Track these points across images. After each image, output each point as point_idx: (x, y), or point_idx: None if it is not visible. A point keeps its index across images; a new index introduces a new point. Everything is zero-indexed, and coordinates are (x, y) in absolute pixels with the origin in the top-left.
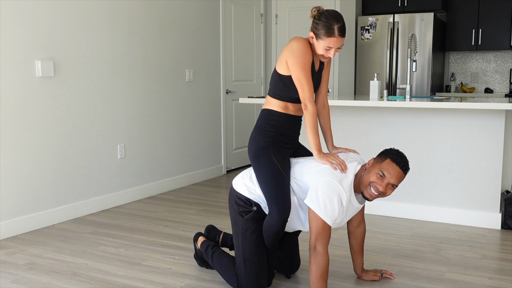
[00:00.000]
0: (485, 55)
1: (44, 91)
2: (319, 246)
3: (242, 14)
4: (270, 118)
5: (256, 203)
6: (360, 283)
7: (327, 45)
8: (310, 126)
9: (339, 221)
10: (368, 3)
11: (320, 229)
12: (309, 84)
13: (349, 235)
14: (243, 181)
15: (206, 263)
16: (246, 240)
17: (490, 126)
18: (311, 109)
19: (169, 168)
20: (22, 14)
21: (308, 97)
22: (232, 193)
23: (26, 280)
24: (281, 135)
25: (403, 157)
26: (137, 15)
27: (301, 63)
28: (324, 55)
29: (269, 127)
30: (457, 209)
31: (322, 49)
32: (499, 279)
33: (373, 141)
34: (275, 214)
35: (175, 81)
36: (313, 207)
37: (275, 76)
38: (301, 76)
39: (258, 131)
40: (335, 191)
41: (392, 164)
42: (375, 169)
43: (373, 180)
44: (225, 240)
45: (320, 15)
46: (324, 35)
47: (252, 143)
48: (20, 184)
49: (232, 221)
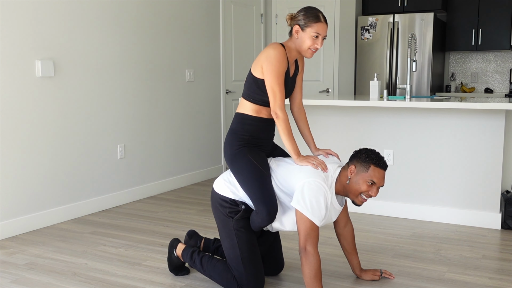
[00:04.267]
0: (485, 55)
1: (44, 91)
2: (309, 247)
3: (242, 14)
4: (244, 123)
5: (242, 202)
6: (360, 283)
7: (315, 32)
8: (284, 133)
9: (324, 222)
10: (368, 3)
11: (309, 230)
12: (281, 93)
13: (338, 237)
14: (225, 184)
15: (176, 270)
16: (242, 240)
17: (490, 126)
18: (282, 117)
19: (169, 168)
20: (22, 14)
21: (279, 105)
22: (214, 196)
23: (26, 280)
24: (255, 139)
25: (381, 157)
26: (137, 15)
27: (276, 71)
28: (311, 47)
29: (243, 131)
30: (457, 209)
31: (310, 38)
32: (499, 279)
33: (373, 141)
34: (264, 213)
35: (175, 81)
36: (300, 208)
37: (249, 79)
38: (274, 84)
39: (232, 135)
40: (321, 191)
41: (376, 169)
42: (363, 178)
43: (364, 190)
44: (207, 245)
45: (299, 12)
46: (311, 21)
47: (227, 147)
48: (20, 184)
49: (220, 224)
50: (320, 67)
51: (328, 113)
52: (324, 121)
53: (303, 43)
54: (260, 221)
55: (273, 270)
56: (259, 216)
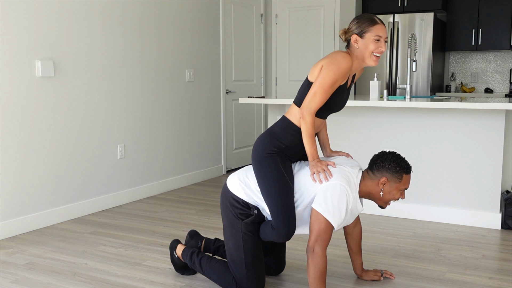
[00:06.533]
0: (485, 55)
1: (44, 91)
2: (318, 248)
3: (242, 14)
4: (287, 131)
5: (255, 206)
6: (360, 283)
7: (375, 34)
8: (306, 135)
9: (342, 225)
10: (368, 3)
11: (322, 232)
12: (321, 101)
13: (346, 236)
14: (240, 185)
15: (182, 270)
16: (248, 244)
17: (490, 126)
18: (309, 120)
19: (169, 168)
20: (22, 14)
21: (311, 109)
22: (226, 193)
23: (26, 280)
24: (290, 150)
25: (407, 162)
26: (137, 15)
27: (333, 77)
28: (375, 52)
29: (283, 139)
30: (457, 209)
31: (372, 42)
32: (499, 279)
33: (373, 141)
34: (283, 232)
35: (175, 81)
36: (321, 211)
37: (304, 84)
38: (321, 88)
39: (271, 137)
40: (344, 194)
41: (408, 176)
42: (397, 188)
43: (398, 197)
44: (207, 245)
45: (351, 23)
46: (368, 25)
47: (261, 147)
48: (20, 184)
49: (227, 223)
50: None
51: None
52: None
53: (365, 49)
54: (275, 238)
55: (275, 270)
56: (274, 233)
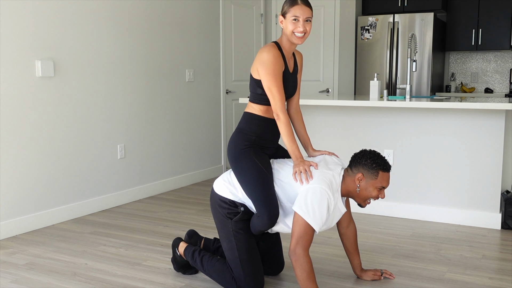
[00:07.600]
0: (485, 55)
1: (44, 91)
2: (299, 249)
3: (242, 14)
4: (252, 122)
5: (242, 204)
6: (360, 283)
7: (293, 15)
8: (286, 135)
9: (325, 227)
10: (368, 3)
11: (303, 233)
12: (280, 94)
13: (341, 237)
14: (225, 185)
15: (183, 269)
16: (240, 242)
17: (490, 126)
18: (283, 119)
19: (169, 168)
20: (22, 14)
21: (279, 107)
22: (214, 196)
23: (26, 280)
24: (261, 139)
25: (385, 160)
26: (137, 15)
27: (271, 74)
28: (295, 31)
29: (251, 131)
30: (457, 209)
31: (291, 22)
32: (499, 279)
33: (373, 141)
34: (265, 217)
35: (175, 81)
36: (301, 213)
37: (252, 82)
38: (272, 86)
39: (239, 134)
40: (325, 197)
41: (385, 174)
42: (373, 185)
43: (375, 195)
44: (207, 245)
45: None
46: (289, 6)
47: (232, 146)
48: (20, 184)
49: (219, 225)
50: (320, 67)
51: (328, 113)
52: (324, 121)
53: (286, 29)
54: (260, 225)
55: (274, 270)
56: (260, 220)
